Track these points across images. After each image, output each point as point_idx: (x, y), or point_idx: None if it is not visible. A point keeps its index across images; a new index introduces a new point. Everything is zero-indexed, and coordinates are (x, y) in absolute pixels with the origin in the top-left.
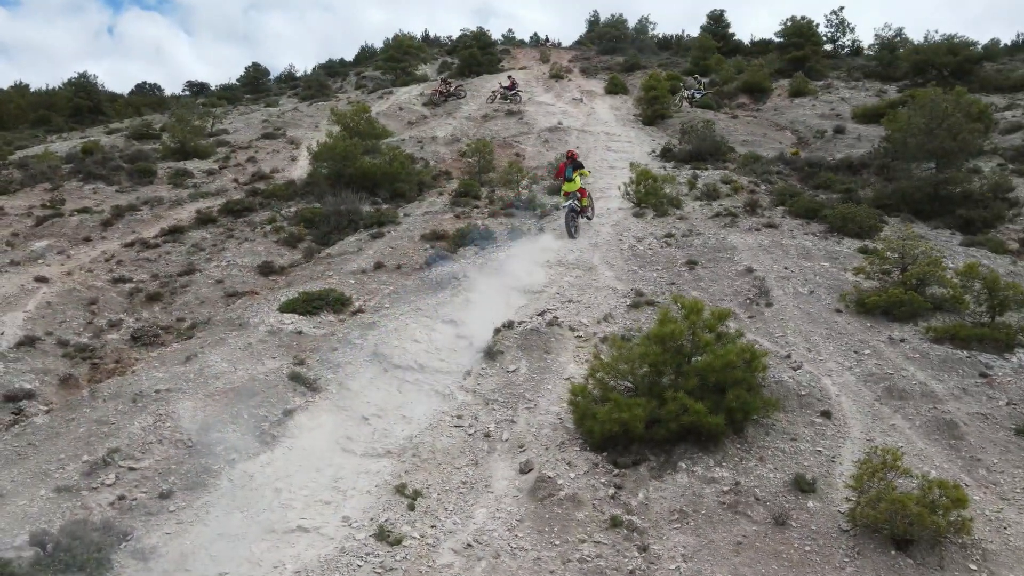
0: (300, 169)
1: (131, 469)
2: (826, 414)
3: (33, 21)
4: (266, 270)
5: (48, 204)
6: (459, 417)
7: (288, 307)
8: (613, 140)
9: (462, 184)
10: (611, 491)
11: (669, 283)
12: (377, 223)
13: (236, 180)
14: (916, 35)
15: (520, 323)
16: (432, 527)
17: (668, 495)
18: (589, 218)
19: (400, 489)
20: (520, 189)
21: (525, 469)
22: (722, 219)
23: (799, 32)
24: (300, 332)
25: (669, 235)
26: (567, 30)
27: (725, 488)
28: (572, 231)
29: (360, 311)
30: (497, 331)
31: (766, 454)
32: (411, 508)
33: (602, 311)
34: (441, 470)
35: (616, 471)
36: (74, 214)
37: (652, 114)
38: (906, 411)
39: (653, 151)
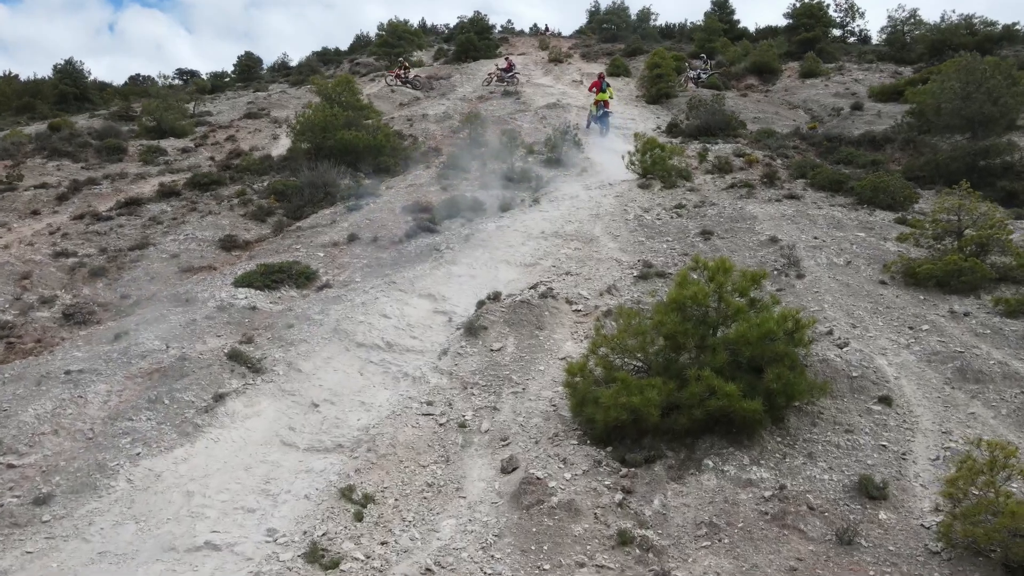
0: (281, 147)
1: (10, 466)
2: (885, 400)
3: (34, 18)
4: (229, 244)
5: (3, 180)
6: (429, 404)
7: (244, 281)
8: (615, 116)
9: (451, 157)
10: (618, 497)
11: (682, 254)
12: (355, 195)
13: (212, 158)
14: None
15: (509, 296)
16: (383, 544)
17: (692, 502)
18: (606, 121)
19: (347, 493)
20: (514, 161)
21: (508, 468)
22: (737, 190)
23: (809, 13)
24: (254, 308)
25: (679, 206)
26: (567, 25)
27: (767, 493)
28: (590, 122)
29: (327, 286)
30: (481, 304)
31: (816, 449)
32: (358, 518)
33: (605, 283)
34: (402, 469)
35: (624, 471)
36: (29, 189)
37: (656, 93)
38: (986, 396)
39: (659, 127)
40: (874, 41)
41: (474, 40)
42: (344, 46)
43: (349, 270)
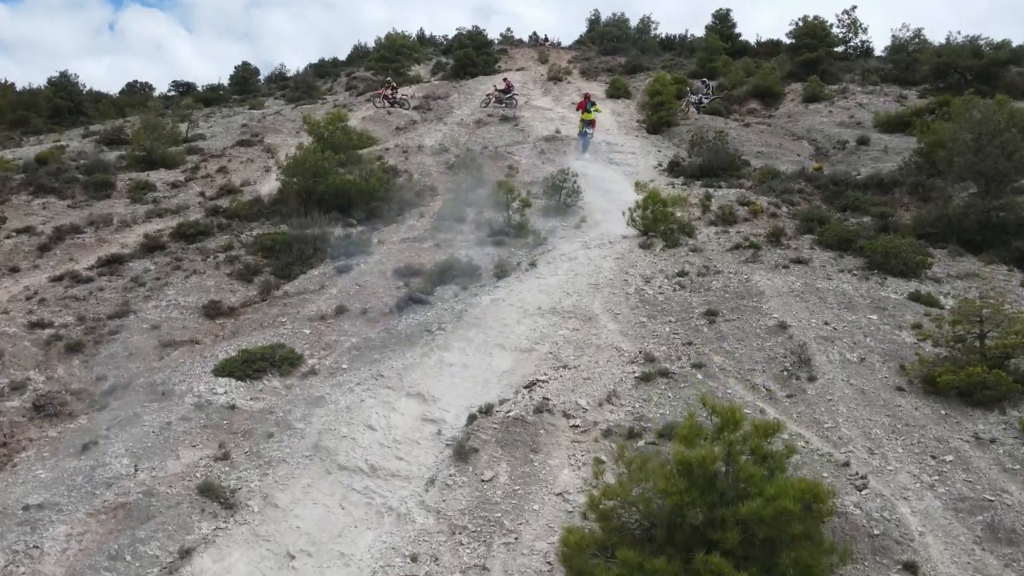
0: (273, 182)
1: None
2: (911, 568)
3: (34, 18)
4: (213, 311)
5: None
6: (413, 560)
7: (224, 369)
8: (615, 151)
9: (446, 204)
10: None
11: (686, 342)
12: (346, 254)
13: (203, 194)
14: (933, 36)
15: (503, 402)
16: None
17: None
18: (590, 136)
19: None
20: (511, 213)
21: None
22: (743, 252)
23: (811, 33)
24: (233, 407)
25: (682, 273)
26: (568, 26)
27: None
28: (585, 145)
29: (312, 372)
30: (472, 418)
31: None
32: None
33: (604, 386)
34: None
35: None
36: (12, 235)
37: (657, 121)
38: (1020, 566)
39: (660, 164)
40: (877, 52)
41: (472, 55)
42: (344, 47)
43: (336, 352)
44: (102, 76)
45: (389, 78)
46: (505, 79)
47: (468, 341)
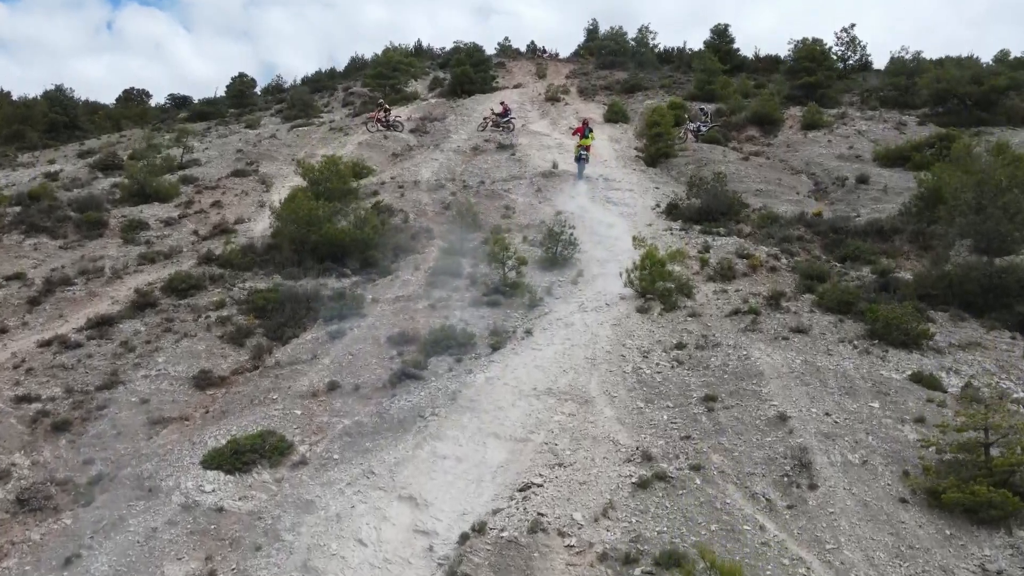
0: (267, 219)
1: None
2: None
3: (33, 17)
4: (203, 382)
5: None
6: None
7: (213, 461)
8: (613, 187)
9: (441, 257)
10: None
11: (684, 435)
12: (339, 316)
13: (196, 232)
14: (933, 36)
15: (496, 512)
16: None
17: None
18: (586, 160)
19: None
20: (507, 271)
21: None
22: (741, 318)
23: (811, 56)
24: (221, 509)
25: (680, 345)
26: (568, 26)
27: None
28: (580, 171)
29: (303, 462)
30: (465, 537)
31: None
32: None
33: (600, 493)
34: None
35: None
36: (2, 284)
37: (656, 152)
38: None
39: (658, 204)
40: (877, 65)
41: (470, 73)
42: (343, 46)
43: (328, 438)
44: (101, 75)
45: (382, 100)
46: (502, 103)
47: (462, 428)
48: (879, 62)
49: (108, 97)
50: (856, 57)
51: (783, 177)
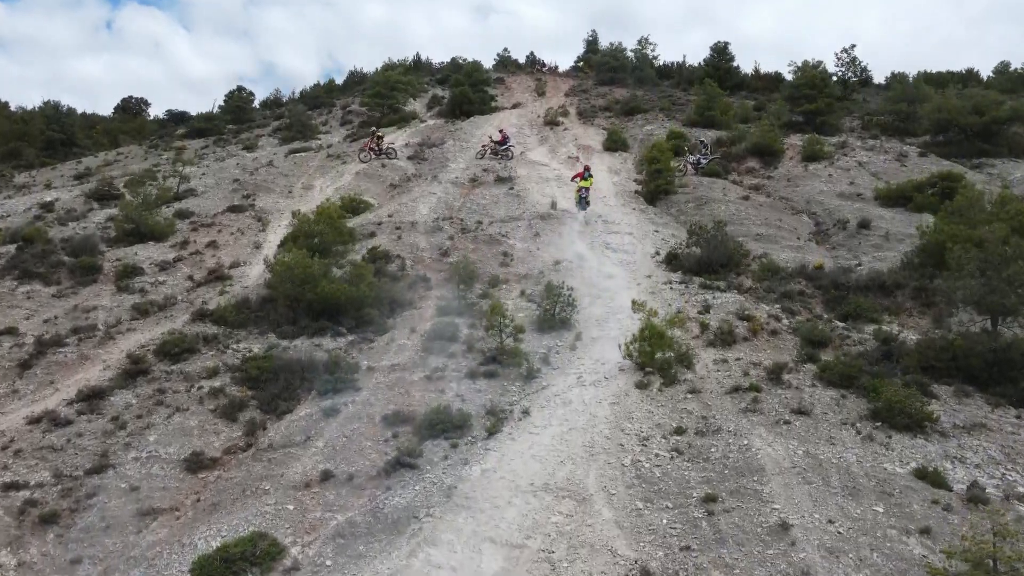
0: (263, 263)
1: None
2: None
3: (32, 16)
4: (195, 464)
5: None
6: None
7: (203, 570)
8: (612, 230)
9: (438, 316)
10: None
11: (683, 545)
12: (333, 389)
13: (191, 278)
14: (928, 48)
15: None
16: None
17: None
18: (587, 200)
19: None
20: (504, 338)
21: None
22: (742, 396)
23: (811, 83)
24: None
25: (680, 430)
26: (568, 26)
27: None
28: (583, 206)
29: (295, 567)
30: None
31: None
32: None
33: None
34: None
35: None
36: None
37: (655, 189)
38: None
39: (657, 252)
40: (876, 79)
41: (468, 93)
42: (343, 47)
43: (320, 539)
44: (100, 74)
45: (374, 128)
46: (501, 130)
47: (457, 532)
48: (879, 62)
49: (107, 97)
50: (856, 77)
51: (784, 218)
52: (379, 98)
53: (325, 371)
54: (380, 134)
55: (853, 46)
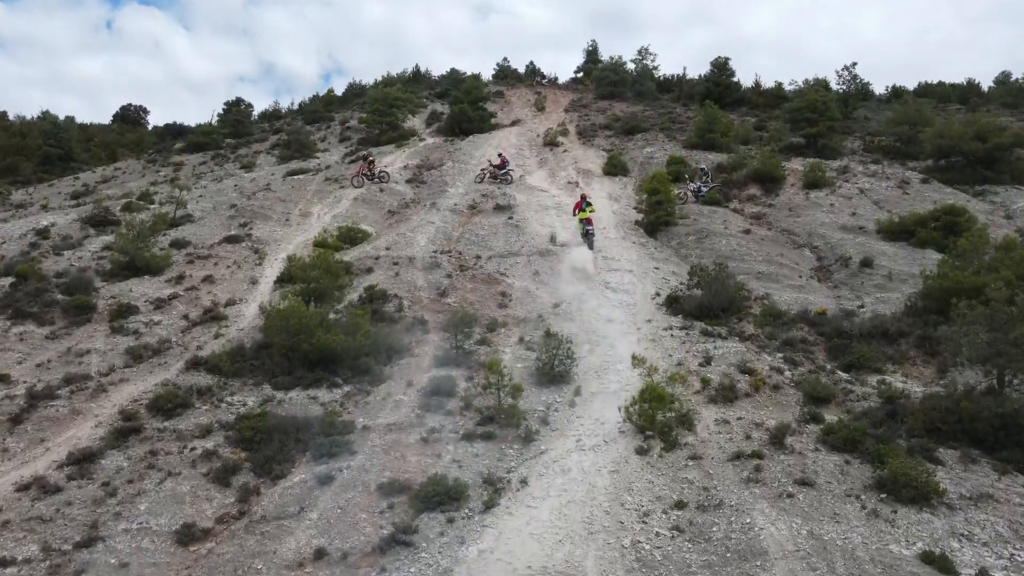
0: (260, 296)
1: None
2: None
3: (32, 15)
4: (186, 536)
5: None
6: None
7: None
8: (612, 266)
9: (435, 367)
10: None
11: None
12: (328, 453)
13: (186, 317)
14: (928, 48)
15: None
16: None
17: None
18: (592, 234)
19: None
20: (502, 398)
21: None
22: (744, 464)
23: (812, 107)
24: None
25: (680, 503)
26: (568, 25)
27: None
28: (590, 244)
29: None
30: None
31: None
32: None
33: None
34: None
35: None
36: None
37: (656, 220)
38: None
39: (658, 293)
40: (877, 90)
41: (467, 111)
42: (342, 47)
43: None
44: (99, 74)
45: (366, 153)
46: (500, 154)
47: None
48: (879, 63)
49: (107, 97)
50: (858, 91)
51: (785, 252)
52: (378, 115)
53: (320, 431)
54: (372, 158)
55: (855, 63)
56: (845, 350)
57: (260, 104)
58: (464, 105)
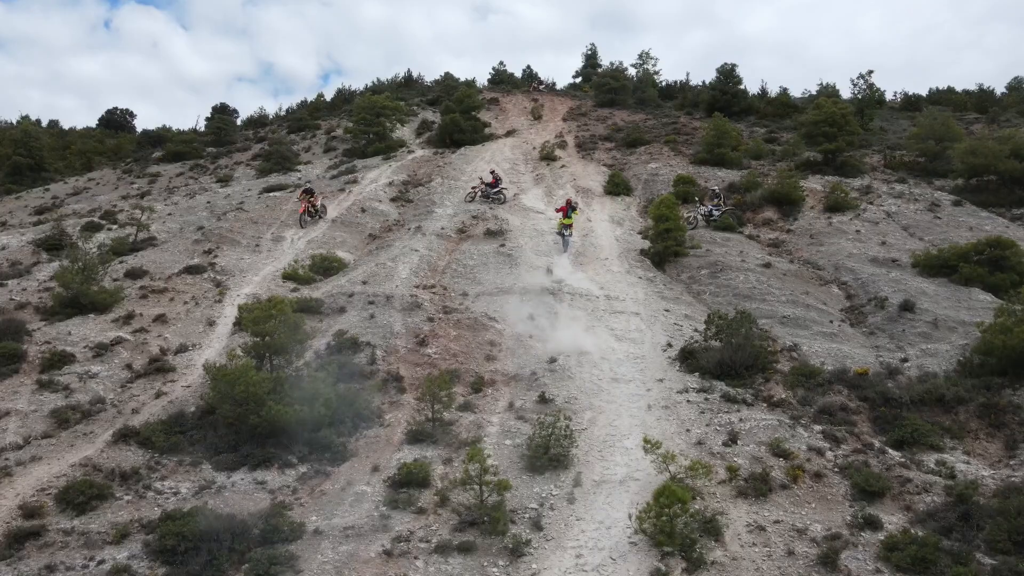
0: (217, 341)
1: None
2: None
3: (30, 15)
4: None
5: None
6: None
7: None
8: (615, 308)
9: (407, 451)
10: None
11: None
12: (270, 560)
13: (130, 367)
14: (927, 48)
15: None
16: None
17: None
18: (570, 236)
19: None
20: (485, 494)
21: None
22: None
23: (831, 121)
24: None
25: None
26: (567, 25)
27: None
28: (565, 245)
29: None
30: None
31: None
32: None
33: None
34: None
35: None
36: None
37: (664, 251)
38: None
39: (669, 344)
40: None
41: (459, 121)
42: (341, 47)
43: None
44: (98, 73)
45: (304, 187)
46: (492, 171)
47: None
48: (879, 63)
49: (106, 97)
50: (873, 101)
51: (811, 290)
52: (364, 124)
53: (261, 536)
54: (313, 191)
55: (871, 71)
56: (894, 421)
57: (260, 104)
58: (456, 115)
